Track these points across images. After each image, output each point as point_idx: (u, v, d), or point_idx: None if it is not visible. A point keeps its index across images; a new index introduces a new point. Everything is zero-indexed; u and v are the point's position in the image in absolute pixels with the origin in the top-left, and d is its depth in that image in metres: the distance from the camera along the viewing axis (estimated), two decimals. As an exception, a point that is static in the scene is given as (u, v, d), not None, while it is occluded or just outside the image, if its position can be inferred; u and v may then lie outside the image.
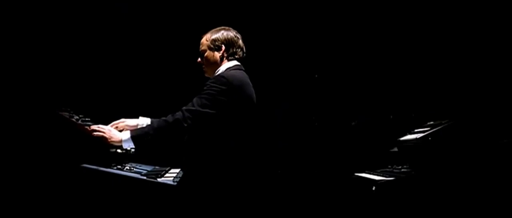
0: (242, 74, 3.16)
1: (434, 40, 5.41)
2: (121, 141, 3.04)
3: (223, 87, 3.00)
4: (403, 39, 5.52)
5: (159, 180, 3.06)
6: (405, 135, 4.44)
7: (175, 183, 3.07)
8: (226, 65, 3.19)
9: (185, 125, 2.96)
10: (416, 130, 4.34)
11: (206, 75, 3.25)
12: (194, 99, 3.02)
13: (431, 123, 4.32)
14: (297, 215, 5.42)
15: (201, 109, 2.98)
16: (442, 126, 4.05)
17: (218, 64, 3.20)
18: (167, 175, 3.30)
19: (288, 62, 5.66)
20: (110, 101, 5.13)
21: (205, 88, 3.04)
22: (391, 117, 5.56)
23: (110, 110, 4.75)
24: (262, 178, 3.20)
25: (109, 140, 3.05)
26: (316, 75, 5.69)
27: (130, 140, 3.03)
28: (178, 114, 2.99)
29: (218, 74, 3.10)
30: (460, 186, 3.92)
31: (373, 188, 4.12)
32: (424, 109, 5.22)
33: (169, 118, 3.00)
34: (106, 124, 3.44)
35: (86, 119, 3.37)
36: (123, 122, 3.30)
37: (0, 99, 3.31)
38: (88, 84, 5.15)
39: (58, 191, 2.99)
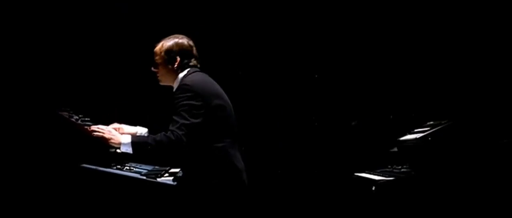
0: (201, 76, 3.18)
1: (434, 40, 5.40)
2: (120, 144, 3.04)
3: (189, 94, 3.02)
4: (403, 39, 5.51)
5: (158, 180, 3.06)
6: (405, 135, 4.44)
7: (175, 183, 3.07)
8: (182, 73, 3.20)
9: (185, 139, 2.96)
10: (416, 130, 4.34)
11: (161, 83, 3.27)
12: (175, 118, 3.00)
13: (431, 123, 4.31)
14: (297, 215, 5.42)
15: (188, 122, 2.98)
16: (442, 126, 4.05)
17: (173, 75, 3.21)
18: (166, 174, 3.30)
19: (288, 63, 5.65)
20: (110, 101, 5.13)
21: (174, 104, 3.05)
22: (391, 117, 5.56)
23: (109, 110, 4.77)
24: (237, 177, 3.16)
25: (109, 141, 3.05)
26: (316, 75, 5.69)
27: (130, 144, 3.03)
28: (175, 132, 2.97)
29: (180, 84, 3.11)
30: (460, 186, 3.92)
31: (373, 188, 4.12)
32: (424, 109, 5.22)
33: (169, 134, 2.98)
34: (106, 124, 3.45)
35: (86, 119, 3.37)
36: (121, 128, 3.31)
37: (0, 99, 3.30)
38: (88, 84, 5.15)
39: (58, 191, 2.99)
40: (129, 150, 3.02)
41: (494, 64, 5.09)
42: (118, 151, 3.22)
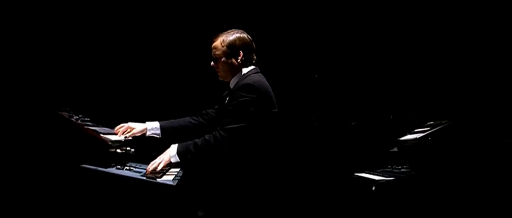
0: (264, 79, 3.18)
1: (434, 40, 5.41)
2: (170, 158, 3.07)
3: (253, 96, 3.01)
4: (403, 39, 5.51)
5: (158, 180, 3.06)
6: (405, 135, 4.44)
7: (175, 183, 3.06)
8: (245, 70, 3.18)
9: (225, 146, 2.97)
10: (416, 130, 4.34)
11: (221, 79, 3.24)
12: (227, 115, 3.00)
13: (431, 123, 4.32)
14: (297, 215, 5.41)
15: (236, 125, 2.97)
16: (442, 126, 4.05)
17: (235, 70, 3.19)
18: (166, 175, 3.30)
19: (288, 63, 5.65)
20: (111, 101, 5.13)
21: (234, 101, 3.03)
22: (391, 117, 5.55)
23: (110, 110, 4.77)
24: (268, 179, 3.21)
25: (161, 166, 3.08)
26: (316, 75, 5.68)
27: (176, 156, 3.06)
28: (217, 135, 2.97)
29: (245, 83, 3.08)
30: (460, 186, 3.92)
31: (373, 188, 4.12)
32: (424, 109, 5.22)
33: (210, 138, 2.98)
34: (107, 124, 3.45)
35: (86, 119, 3.37)
36: (130, 126, 3.32)
37: (0, 99, 3.30)
38: (88, 84, 5.15)
39: (58, 192, 2.99)
40: (177, 159, 3.06)
41: (494, 64, 5.09)
42: (119, 150, 3.22)
